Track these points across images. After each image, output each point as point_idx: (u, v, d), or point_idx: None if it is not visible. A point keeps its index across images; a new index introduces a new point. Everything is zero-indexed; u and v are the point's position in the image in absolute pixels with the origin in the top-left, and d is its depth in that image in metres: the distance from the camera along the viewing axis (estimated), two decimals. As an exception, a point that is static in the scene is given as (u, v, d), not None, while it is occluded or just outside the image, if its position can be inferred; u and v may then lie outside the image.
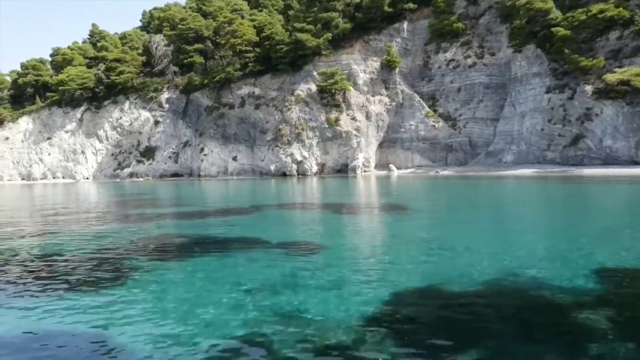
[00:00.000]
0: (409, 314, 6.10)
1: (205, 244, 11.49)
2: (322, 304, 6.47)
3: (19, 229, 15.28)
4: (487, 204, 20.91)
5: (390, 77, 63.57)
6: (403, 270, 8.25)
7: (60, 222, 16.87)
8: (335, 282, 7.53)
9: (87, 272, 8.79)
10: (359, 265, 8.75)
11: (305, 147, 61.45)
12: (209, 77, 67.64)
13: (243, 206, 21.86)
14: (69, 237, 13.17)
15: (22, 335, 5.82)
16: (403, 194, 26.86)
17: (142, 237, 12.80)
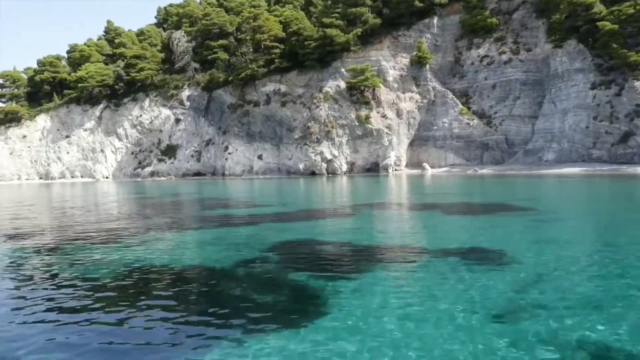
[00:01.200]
0: None
1: (382, 252, 9.95)
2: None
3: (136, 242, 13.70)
4: (588, 202, 19.39)
5: (421, 73, 62.02)
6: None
7: (177, 227, 15.32)
8: (586, 299, 6.05)
9: (273, 300, 6.72)
10: (577, 278, 7.25)
11: (335, 145, 59.91)
12: (234, 74, 66.01)
13: (341, 206, 20.34)
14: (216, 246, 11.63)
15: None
16: (488, 192, 25.29)
17: (289, 243, 11.25)
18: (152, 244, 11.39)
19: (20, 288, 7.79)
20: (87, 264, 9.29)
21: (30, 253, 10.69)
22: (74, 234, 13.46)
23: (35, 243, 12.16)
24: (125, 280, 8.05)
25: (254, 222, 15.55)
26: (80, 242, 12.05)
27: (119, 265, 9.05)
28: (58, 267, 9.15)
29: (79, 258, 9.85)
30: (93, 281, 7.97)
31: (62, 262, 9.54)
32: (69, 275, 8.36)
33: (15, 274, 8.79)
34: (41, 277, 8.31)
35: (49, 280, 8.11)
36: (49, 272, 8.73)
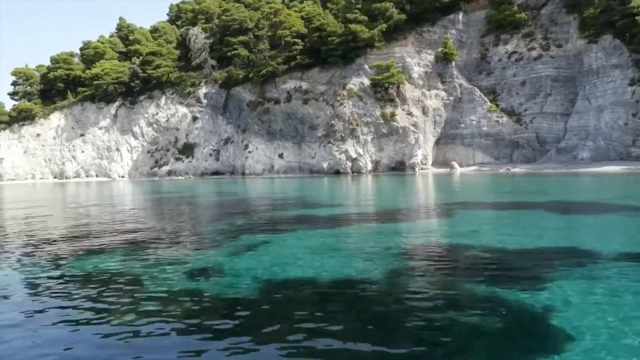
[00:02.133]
0: None
1: (549, 257, 8.59)
2: None
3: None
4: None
5: (447, 70, 60.66)
6: None
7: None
8: None
9: (487, 324, 5.32)
10: None
11: (360, 143, 58.54)
12: (254, 71, 64.60)
13: (422, 206, 18.98)
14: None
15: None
16: (562, 191, 23.89)
17: (423, 246, 9.90)
18: (263, 250, 10.02)
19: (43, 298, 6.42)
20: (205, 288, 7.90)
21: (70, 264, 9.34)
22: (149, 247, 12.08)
23: (69, 250, 10.80)
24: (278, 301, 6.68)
25: (346, 223, 14.19)
26: (162, 254, 10.69)
27: (240, 279, 7.68)
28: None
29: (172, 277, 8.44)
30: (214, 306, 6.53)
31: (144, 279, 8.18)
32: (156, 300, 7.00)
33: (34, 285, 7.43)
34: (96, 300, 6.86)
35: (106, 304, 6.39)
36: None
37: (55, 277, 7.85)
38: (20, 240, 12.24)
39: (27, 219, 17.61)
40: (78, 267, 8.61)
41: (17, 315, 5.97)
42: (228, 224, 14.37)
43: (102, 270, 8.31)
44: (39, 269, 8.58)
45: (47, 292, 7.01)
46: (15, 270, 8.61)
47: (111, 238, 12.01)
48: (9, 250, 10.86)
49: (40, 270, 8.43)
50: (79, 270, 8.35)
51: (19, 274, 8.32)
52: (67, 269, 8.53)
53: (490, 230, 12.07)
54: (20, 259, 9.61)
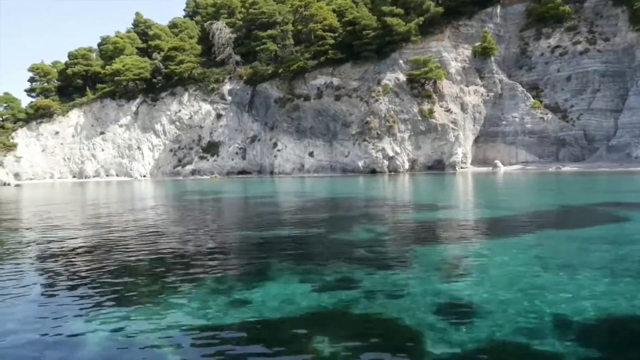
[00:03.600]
0: None
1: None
2: None
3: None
4: None
5: (485, 65, 58.42)
6: None
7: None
8: None
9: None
10: None
11: (397, 141, 56.26)
12: (283, 66, 62.21)
13: (560, 207, 16.67)
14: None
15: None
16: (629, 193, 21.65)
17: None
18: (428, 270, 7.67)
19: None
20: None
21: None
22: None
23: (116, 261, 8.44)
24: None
25: (519, 229, 11.83)
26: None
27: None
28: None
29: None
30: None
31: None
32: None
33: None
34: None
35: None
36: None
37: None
38: (36, 250, 9.93)
39: (45, 228, 15.26)
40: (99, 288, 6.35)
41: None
42: (364, 231, 11.99)
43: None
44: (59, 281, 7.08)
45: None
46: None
47: (144, 254, 9.65)
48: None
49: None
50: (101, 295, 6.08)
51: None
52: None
53: None
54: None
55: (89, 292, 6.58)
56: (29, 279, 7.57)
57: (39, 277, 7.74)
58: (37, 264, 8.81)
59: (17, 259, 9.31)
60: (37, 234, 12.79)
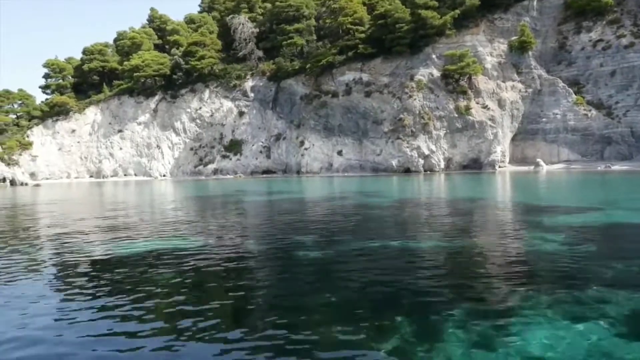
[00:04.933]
0: None
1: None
2: None
3: None
4: None
5: (522, 60, 56.16)
6: None
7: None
8: None
9: None
10: None
11: (432, 139, 53.97)
12: (312, 61, 59.90)
13: None
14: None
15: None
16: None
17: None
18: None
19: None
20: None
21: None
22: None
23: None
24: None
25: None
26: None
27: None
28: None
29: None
30: None
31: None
32: None
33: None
34: None
35: None
36: None
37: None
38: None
39: (62, 232, 12.96)
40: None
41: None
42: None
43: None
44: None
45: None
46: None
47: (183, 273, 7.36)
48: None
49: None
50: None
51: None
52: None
53: None
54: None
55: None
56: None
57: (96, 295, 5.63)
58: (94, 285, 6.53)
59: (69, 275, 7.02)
60: (87, 246, 10.49)
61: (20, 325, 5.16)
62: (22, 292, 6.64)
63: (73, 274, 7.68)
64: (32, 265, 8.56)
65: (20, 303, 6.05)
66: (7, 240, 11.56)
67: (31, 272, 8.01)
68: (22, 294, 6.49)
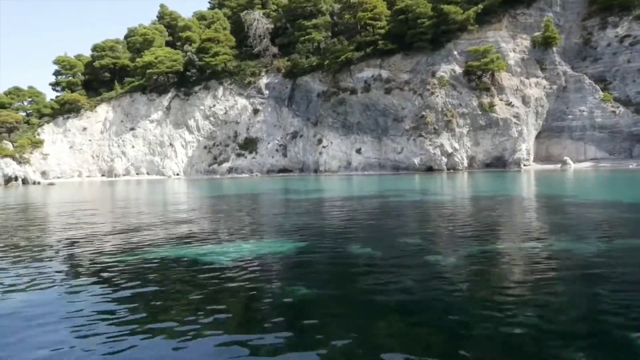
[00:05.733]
0: None
1: None
2: None
3: None
4: None
5: (546, 56, 54.96)
6: None
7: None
8: None
9: None
10: None
11: (456, 137, 52.77)
12: (330, 57, 58.66)
13: None
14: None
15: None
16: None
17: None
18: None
19: None
20: None
21: None
22: None
23: None
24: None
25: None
26: None
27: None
28: None
29: None
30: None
31: None
32: None
33: None
34: None
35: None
36: None
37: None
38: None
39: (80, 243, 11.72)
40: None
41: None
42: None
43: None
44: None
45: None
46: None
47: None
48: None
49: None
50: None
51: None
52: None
53: None
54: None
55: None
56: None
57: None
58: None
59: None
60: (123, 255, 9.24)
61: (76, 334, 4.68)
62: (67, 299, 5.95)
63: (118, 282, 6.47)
64: (71, 270, 7.34)
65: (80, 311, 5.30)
66: (45, 242, 10.33)
67: (69, 278, 6.81)
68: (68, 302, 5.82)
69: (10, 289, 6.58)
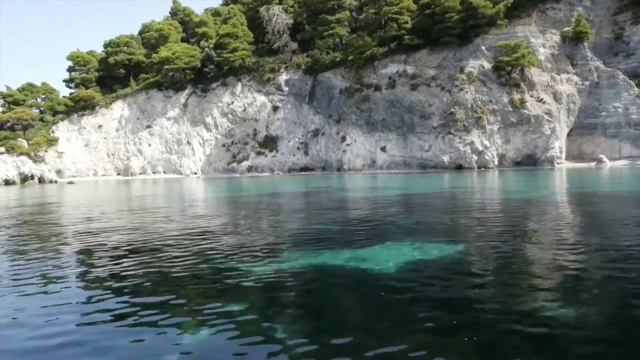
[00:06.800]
0: None
1: None
2: None
3: None
4: None
5: (577, 52, 53.65)
6: None
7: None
8: None
9: None
10: None
11: (486, 134, 51.38)
12: (355, 53, 57.19)
13: None
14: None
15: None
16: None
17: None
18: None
19: None
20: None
21: None
22: None
23: None
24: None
25: None
26: None
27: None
28: None
29: None
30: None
31: None
32: None
33: None
34: None
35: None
36: None
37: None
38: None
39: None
40: None
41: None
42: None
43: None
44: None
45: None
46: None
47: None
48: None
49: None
50: None
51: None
52: None
53: None
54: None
55: None
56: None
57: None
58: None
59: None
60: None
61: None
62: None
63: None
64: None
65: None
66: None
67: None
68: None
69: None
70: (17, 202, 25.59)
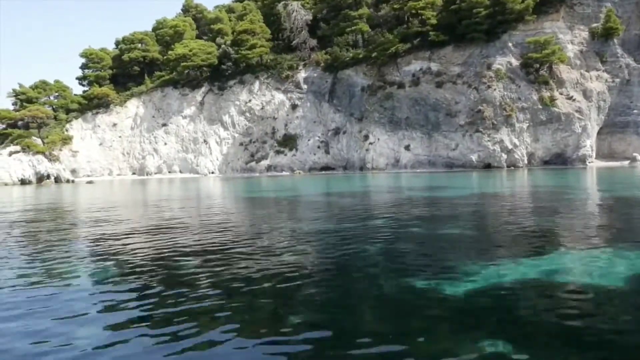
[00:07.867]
0: None
1: None
2: None
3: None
4: None
5: (607, 48, 52.58)
6: None
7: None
8: None
9: None
10: None
11: (515, 132, 50.19)
12: (378, 49, 55.95)
13: None
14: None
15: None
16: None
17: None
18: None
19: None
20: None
21: None
22: None
23: None
24: None
25: None
26: None
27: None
28: None
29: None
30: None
31: None
32: None
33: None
34: None
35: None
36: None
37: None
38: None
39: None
40: None
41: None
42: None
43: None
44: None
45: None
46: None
47: None
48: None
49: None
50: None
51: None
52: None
53: None
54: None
55: None
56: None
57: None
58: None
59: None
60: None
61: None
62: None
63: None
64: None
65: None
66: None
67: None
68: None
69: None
70: (56, 204, 24.21)
